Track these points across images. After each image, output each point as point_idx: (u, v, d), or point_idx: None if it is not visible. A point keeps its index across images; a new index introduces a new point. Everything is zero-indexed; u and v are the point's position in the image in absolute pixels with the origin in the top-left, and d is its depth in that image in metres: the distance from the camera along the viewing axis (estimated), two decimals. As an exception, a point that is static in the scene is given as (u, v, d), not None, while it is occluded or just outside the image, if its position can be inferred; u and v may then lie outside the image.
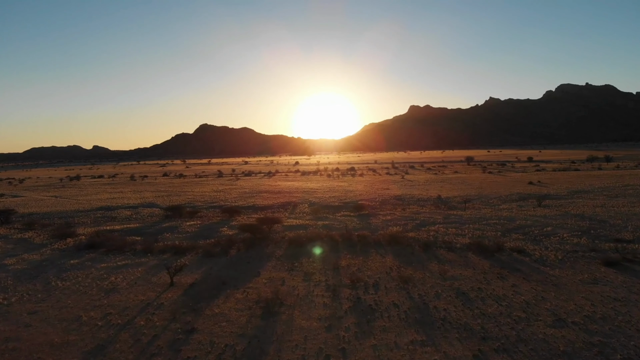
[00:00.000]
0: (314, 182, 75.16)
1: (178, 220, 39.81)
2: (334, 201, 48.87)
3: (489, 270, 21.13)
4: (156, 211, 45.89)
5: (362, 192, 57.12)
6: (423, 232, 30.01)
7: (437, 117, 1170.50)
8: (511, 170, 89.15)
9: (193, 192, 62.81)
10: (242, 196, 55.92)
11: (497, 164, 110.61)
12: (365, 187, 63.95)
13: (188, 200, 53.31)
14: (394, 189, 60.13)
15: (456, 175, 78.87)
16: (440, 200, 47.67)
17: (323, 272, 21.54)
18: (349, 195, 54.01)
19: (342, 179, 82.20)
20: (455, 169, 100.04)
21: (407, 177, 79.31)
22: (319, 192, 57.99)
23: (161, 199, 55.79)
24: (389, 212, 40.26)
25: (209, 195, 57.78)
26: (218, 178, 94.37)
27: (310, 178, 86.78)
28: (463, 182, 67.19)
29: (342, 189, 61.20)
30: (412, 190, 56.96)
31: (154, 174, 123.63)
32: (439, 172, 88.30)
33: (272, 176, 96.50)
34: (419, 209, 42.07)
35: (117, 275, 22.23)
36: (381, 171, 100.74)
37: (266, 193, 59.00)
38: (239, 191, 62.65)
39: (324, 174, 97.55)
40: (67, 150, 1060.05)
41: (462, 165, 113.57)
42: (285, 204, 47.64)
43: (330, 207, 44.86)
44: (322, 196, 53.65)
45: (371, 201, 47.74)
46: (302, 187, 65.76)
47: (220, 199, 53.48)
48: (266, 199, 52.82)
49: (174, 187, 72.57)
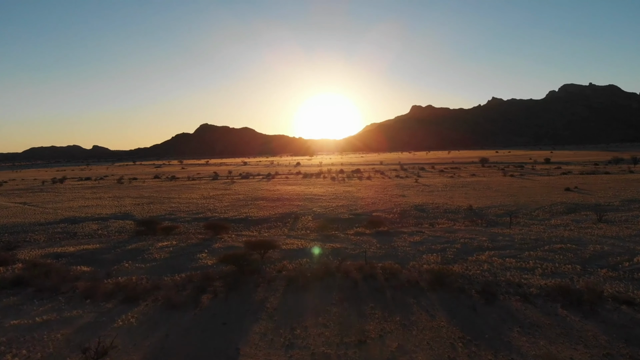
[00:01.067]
0: (318, 187, 67.29)
1: (150, 239, 31.87)
2: (343, 212, 40.94)
3: (608, 346, 13.16)
4: (128, 225, 37.97)
5: (375, 199, 49.19)
6: (472, 265, 21.97)
7: (440, 117, 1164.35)
8: (533, 172, 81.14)
9: (179, 199, 54.92)
10: (234, 205, 47.99)
11: (514, 165, 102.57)
12: (376, 193, 56.04)
13: (170, 210, 45.43)
14: (411, 195, 52.16)
15: (476, 179, 70.93)
16: (473, 211, 39.63)
17: (343, 355, 13.41)
18: (360, 203, 46.08)
19: (348, 182, 74.31)
20: (470, 171, 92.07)
21: (421, 180, 71.33)
22: (324, 200, 50.08)
23: (140, 208, 47.90)
24: (415, 228, 32.28)
25: (196, 204, 49.85)
26: (212, 181, 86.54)
27: (313, 181, 78.90)
28: (487, 187, 59.17)
29: (350, 196, 53.26)
30: (434, 198, 48.97)
31: (145, 175, 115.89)
32: (455, 175, 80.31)
33: (271, 179, 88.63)
34: (451, 224, 34.08)
35: (22, 347, 14.32)
36: (390, 173, 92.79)
37: (263, 200, 51.09)
38: (232, 198, 54.73)
39: (327, 177, 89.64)
40: (66, 150, 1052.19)
41: (476, 167, 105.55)
42: (284, 216, 39.70)
43: (339, 220, 36.91)
44: (328, 205, 45.71)
45: (388, 212, 39.80)
46: (304, 193, 57.90)
47: (208, 208, 45.54)
48: (262, 208, 44.88)
49: (161, 192, 64.72)
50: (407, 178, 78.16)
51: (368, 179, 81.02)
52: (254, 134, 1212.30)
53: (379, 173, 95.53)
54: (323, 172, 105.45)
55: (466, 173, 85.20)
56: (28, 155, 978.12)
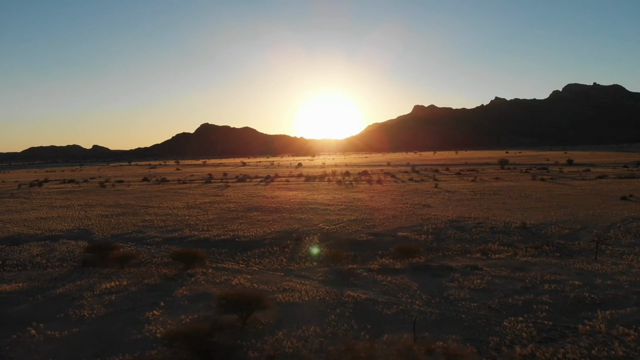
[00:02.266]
0: (322, 192, 58.48)
1: (95, 274, 23.04)
2: (358, 229, 32.11)
3: None
4: (79, 248, 29.26)
5: (394, 210, 40.29)
6: (595, 346, 13.06)
7: (442, 117, 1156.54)
8: (564, 176, 72.24)
9: (158, 209, 46.15)
10: (221, 218, 39.13)
11: (537, 167, 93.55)
12: (393, 201, 47.16)
13: (141, 225, 36.62)
14: (437, 205, 43.16)
15: (504, 184, 62.06)
16: (529, 231, 30.52)
17: None
18: (377, 217, 37.22)
19: (357, 187, 65.50)
20: (490, 173, 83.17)
21: (441, 185, 62.48)
22: (332, 211, 41.23)
23: (106, 222, 39.08)
24: (464, 260, 23.26)
25: (175, 216, 41.01)
26: (204, 185, 77.79)
27: (316, 186, 70.10)
28: (524, 194, 50.13)
29: (363, 206, 44.35)
30: (467, 209, 39.85)
31: (134, 178, 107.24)
32: (477, 179, 71.40)
33: (270, 182, 79.86)
34: (510, 252, 24.93)
35: None
36: (401, 176, 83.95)
37: (257, 212, 42.29)
38: (221, 208, 45.88)
39: (332, 180, 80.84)
40: (66, 150, 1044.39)
41: (494, 168, 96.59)
42: (282, 236, 30.80)
43: (356, 244, 28.00)
44: (338, 219, 36.85)
45: (417, 231, 30.90)
46: (307, 201, 49.11)
47: (188, 223, 36.70)
48: (255, 223, 36.03)
49: (141, 199, 56.05)
50: (423, 182, 69.26)
51: (378, 182, 72.18)
52: (255, 133, 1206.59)
53: (389, 176, 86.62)
54: (327, 174, 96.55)
55: (488, 176, 76.27)
56: (27, 155, 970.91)
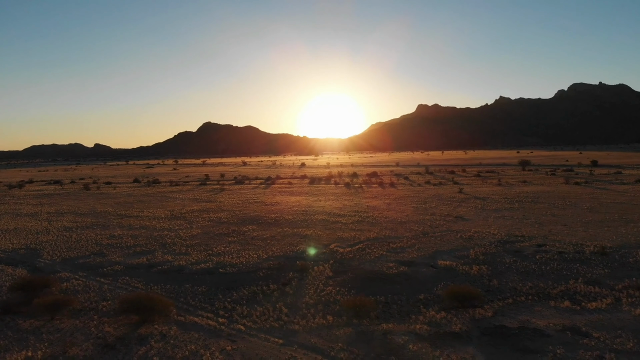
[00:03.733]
0: (330, 198, 50.96)
1: (6, 332, 15.76)
2: (384, 255, 24.22)
3: None
4: (10, 280, 21.79)
5: (423, 225, 32.42)
6: None
7: (446, 116, 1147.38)
8: (598, 179, 64.32)
9: (135, 220, 38.69)
10: (207, 234, 31.51)
11: (561, 169, 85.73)
12: (416, 211, 39.49)
13: (106, 244, 28.98)
14: (474, 217, 34.91)
15: (536, 189, 54.38)
16: (612, 258, 22.40)
17: None
18: (404, 233, 29.47)
19: (369, 191, 57.99)
20: (513, 176, 75.47)
21: (466, 189, 54.82)
22: (345, 224, 33.63)
23: (65, 238, 31.58)
24: (551, 312, 15.02)
25: (151, 230, 33.46)
26: (198, 187, 70.45)
27: (322, 189, 62.64)
28: (567, 202, 42.22)
29: (382, 217, 36.53)
30: (515, 224, 31.52)
31: (125, 179, 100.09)
32: (503, 182, 63.68)
33: (270, 185, 72.45)
34: (611, 295, 16.66)
35: None
36: (415, 178, 76.31)
37: (252, 224, 34.78)
38: (210, 219, 38.33)
39: (339, 182, 73.37)
40: (68, 149, 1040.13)
41: (515, 170, 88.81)
42: (282, 264, 22.81)
43: (385, 280, 19.88)
44: (354, 237, 29.17)
45: (464, 259, 23.01)
46: (313, 210, 41.58)
47: (164, 242, 29.11)
48: (248, 243, 28.38)
49: (121, 206, 48.74)
50: (443, 185, 61.62)
51: (391, 185, 64.59)
52: (258, 132, 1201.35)
53: (401, 178, 78.88)
54: (333, 176, 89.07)
55: (513, 179, 68.53)
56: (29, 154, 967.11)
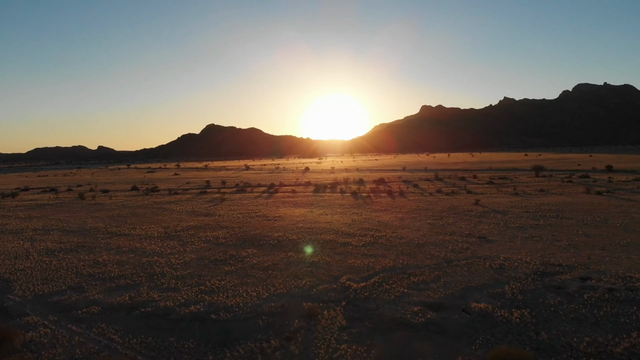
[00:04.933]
0: (338, 211, 47.45)
1: None
2: (405, 292, 20.04)
3: None
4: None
5: (444, 249, 28.41)
6: None
7: (450, 117, 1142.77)
8: (619, 187, 60.46)
9: (125, 240, 35.37)
10: (201, 260, 27.59)
11: (577, 175, 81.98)
12: (434, 228, 35.75)
13: (87, 274, 25.29)
14: (498, 237, 30.64)
15: (556, 199, 50.70)
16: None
17: None
18: (424, 261, 25.61)
19: (378, 202, 54.51)
20: (528, 183, 71.81)
21: (482, 200, 51.29)
22: (356, 247, 29.89)
23: (44, 266, 28.00)
24: None
25: (140, 255, 29.84)
26: (197, 196, 67.30)
27: (328, 199, 59.31)
28: (596, 217, 38.41)
29: (397, 237, 32.28)
30: (547, 248, 27.51)
31: (124, 185, 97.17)
32: (519, 191, 60.01)
33: (273, 193, 69.17)
34: None
35: None
36: (426, 186, 72.74)
37: (254, 247, 31.26)
38: (207, 238, 34.78)
39: (345, 190, 70.05)
40: (71, 151, 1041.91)
41: (528, 176, 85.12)
42: (285, 307, 18.71)
43: (409, 330, 15.63)
44: (368, 265, 25.33)
45: (499, 299, 18.98)
46: (319, 226, 38.04)
47: (152, 271, 25.55)
48: (247, 275, 24.60)
49: (113, 221, 45.53)
50: (456, 195, 58.07)
51: (401, 194, 61.15)
52: (261, 134, 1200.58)
53: (410, 185, 75.31)
54: (339, 182, 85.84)
55: (529, 187, 64.85)
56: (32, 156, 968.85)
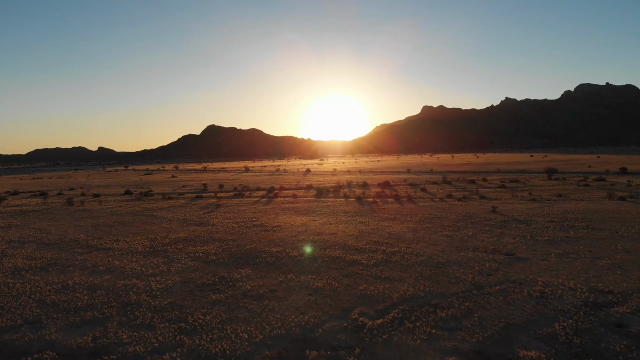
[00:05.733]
0: (342, 220, 43.33)
1: None
2: (433, 334, 15.96)
3: None
4: None
5: (471, 270, 24.38)
6: None
7: (452, 118, 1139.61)
8: (636, 190, 56.62)
9: (105, 256, 31.39)
10: (186, 284, 23.32)
11: (591, 178, 78.02)
12: (452, 242, 31.73)
13: (51, 303, 20.91)
14: (529, 255, 26.29)
15: (578, 206, 46.63)
16: None
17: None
18: (448, 287, 21.26)
19: (386, 209, 50.57)
20: (542, 186, 67.88)
21: (499, 207, 47.34)
22: (365, 267, 25.86)
23: (3, 292, 24.51)
24: None
25: (118, 276, 25.71)
26: (192, 202, 63.49)
27: (331, 205, 55.42)
28: (629, 226, 34.25)
29: (411, 253, 28.06)
30: (589, 269, 23.43)
31: (118, 189, 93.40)
32: (535, 195, 56.07)
33: (272, 198, 65.37)
34: None
35: None
36: (434, 189, 68.77)
37: (248, 267, 27.28)
38: (196, 254, 30.76)
39: (349, 195, 66.23)
40: (71, 152, 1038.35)
41: (540, 179, 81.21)
42: (281, 357, 15.58)
43: None
44: (383, 293, 21.08)
45: (547, 339, 14.06)
46: (323, 239, 34.08)
47: (127, 300, 21.13)
48: (238, 307, 20.24)
49: (96, 231, 41.67)
50: (469, 201, 54.10)
51: (410, 200, 57.25)
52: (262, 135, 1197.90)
53: (418, 189, 71.44)
54: (341, 185, 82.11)
55: (545, 191, 60.90)
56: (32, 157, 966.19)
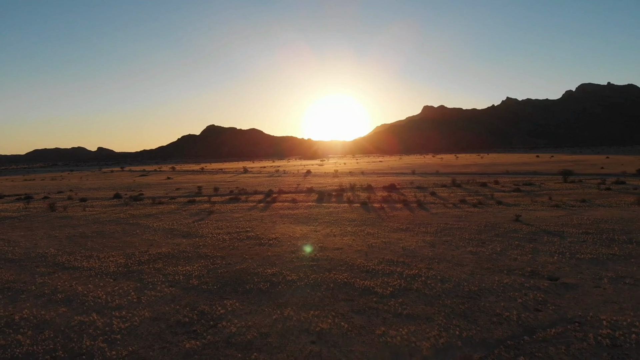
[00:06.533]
0: (348, 230, 38.41)
1: None
2: None
3: None
4: None
5: (510, 300, 19.11)
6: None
7: (452, 118, 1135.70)
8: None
9: (69, 279, 26.29)
10: (155, 326, 16.68)
11: (611, 180, 73.30)
12: (480, 262, 26.73)
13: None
14: (576, 280, 20.63)
15: (607, 213, 41.70)
16: None
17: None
18: (492, 329, 15.93)
19: (394, 216, 45.75)
20: (560, 190, 63.17)
21: (523, 215, 42.56)
22: (381, 299, 19.69)
23: None
24: None
25: (74, 311, 20.02)
26: (184, 207, 58.82)
27: (334, 212, 50.62)
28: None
29: (437, 279, 22.59)
30: None
31: (108, 192, 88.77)
32: (557, 201, 51.36)
33: (270, 203, 60.65)
34: None
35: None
36: (445, 194, 64.01)
37: (234, 298, 21.81)
38: (174, 280, 25.52)
39: (353, 199, 61.56)
40: (71, 152, 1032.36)
41: (555, 181, 76.57)
42: None
43: None
44: (409, 342, 15.97)
45: None
46: (326, 257, 29.08)
47: (75, 353, 16.67)
48: None
49: (70, 244, 36.87)
50: (485, 207, 49.30)
51: (420, 206, 52.47)
52: (262, 135, 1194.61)
53: (427, 193, 66.72)
54: (344, 188, 77.50)
55: (565, 196, 56.10)
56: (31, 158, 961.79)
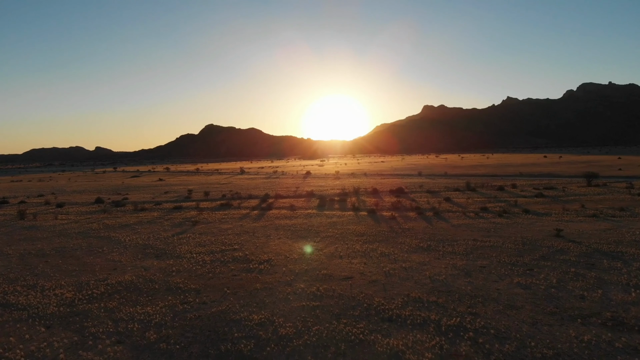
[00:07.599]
0: (357, 249, 31.87)
1: None
2: None
3: None
4: None
5: None
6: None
7: (453, 117, 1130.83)
8: None
9: (1, 323, 20.31)
10: None
11: (638, 184, 67.07)
12: (535, 299, 19.53)
13: None
14: None
15: (667, 226, 35.55)
16: None
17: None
18: None
19: (410, 229, 39.41)
20: (590, 196, 57.10)
21: (563, 229, 36.25)
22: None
23: None
24: None
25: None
26: (168, 214, 52.50)
27: (338, 223, 44.24)
28: None
29: (490, 336, 15.59)
30: None
31: (91, 195, 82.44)
32: (592, 209, 45.11)
33: (266, 210, 54.31)
34: None
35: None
36: (462, 199, 57.76)
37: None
38: (128, 329, 18.37)
39: (359, 206, 55.29)
40: (68, 152, 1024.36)
41: (577, 184, 70.39)
42: None
43: None
44: None
45: None
46: (331, 291, 22.27)
47: None
48: None
49: (20, 264, 30.41)
50: (512, 216, 42.93)
51: (437, 215, 46.07)
52: (261, 135, 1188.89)
53: (441, 198, 60.49)
54: (347, 192, 71.24)
55: (599, 203, 49.87)
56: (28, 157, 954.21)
